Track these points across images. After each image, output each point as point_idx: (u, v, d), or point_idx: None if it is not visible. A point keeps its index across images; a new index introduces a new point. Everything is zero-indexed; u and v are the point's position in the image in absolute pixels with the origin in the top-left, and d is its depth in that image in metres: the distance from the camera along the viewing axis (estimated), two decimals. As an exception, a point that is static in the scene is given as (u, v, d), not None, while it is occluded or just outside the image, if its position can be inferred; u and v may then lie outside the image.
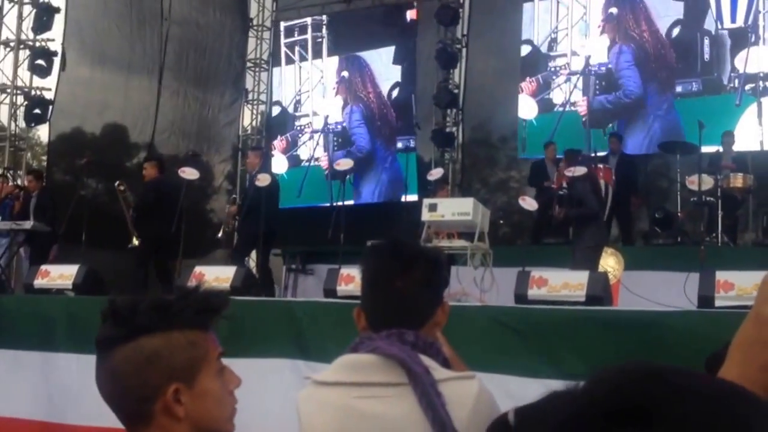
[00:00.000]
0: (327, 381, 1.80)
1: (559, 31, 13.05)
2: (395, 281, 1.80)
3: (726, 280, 5.49)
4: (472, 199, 7.45)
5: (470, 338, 4.91)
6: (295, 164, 14.83)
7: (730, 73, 11.47)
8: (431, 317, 1.85)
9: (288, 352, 5.40)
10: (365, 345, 1.77)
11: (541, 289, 6.02)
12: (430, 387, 1.67)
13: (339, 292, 6.21)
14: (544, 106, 12.78)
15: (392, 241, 1.89)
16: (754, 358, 0.91)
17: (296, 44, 15.24)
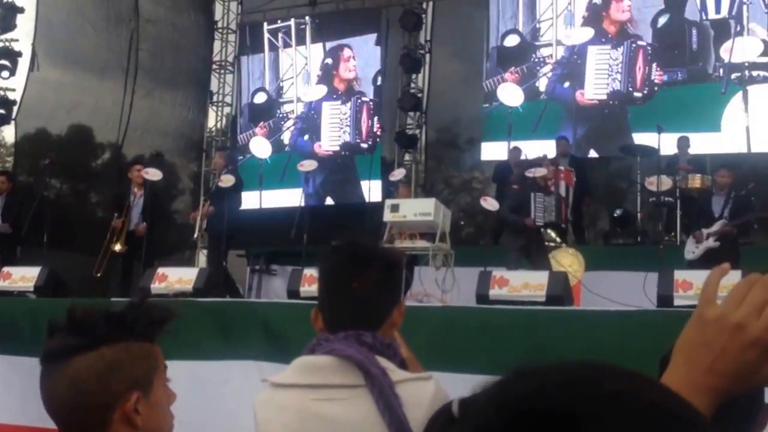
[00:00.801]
0: (284, 383, 1.79)
1: (542, 21, 13.05)
2: (352, 282, 1.80)
3: (684, 279, 5.59)
4: (433, 200, 7.48)
5: (431, 338, 4.95)
6: (278, 149, 14.74)
7: (715, 63, 11.57)
8: (388, 318, 1.84)
9: (253, 354, 5.39)
10: (322, 346, 1.76)
11: (503, 289, 6.07)
12: (388, 388, 1.67)
13: (302, 293, 6.21)
14: (530, 94, 12.79)
15: (349, 243, 1.88)
16: (698, 360, 0.91)
17: (279, 31, 15.17)
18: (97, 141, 14.31)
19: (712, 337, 0.92)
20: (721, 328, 0.92)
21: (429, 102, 14.10)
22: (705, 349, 0.91)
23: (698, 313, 0.95)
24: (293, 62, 14.98)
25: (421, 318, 5.25)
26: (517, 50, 13.08)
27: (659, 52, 12.02)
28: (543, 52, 12.96)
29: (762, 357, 0.90)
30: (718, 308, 0.93)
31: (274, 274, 10.94)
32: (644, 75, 12.01)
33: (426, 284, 7.54)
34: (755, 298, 0.91)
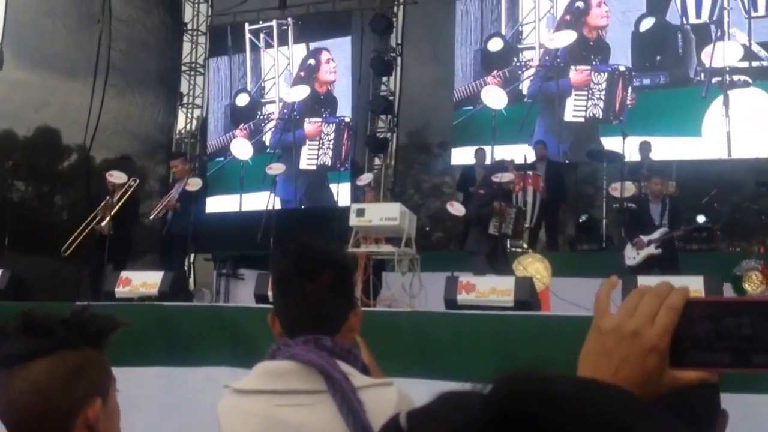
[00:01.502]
0: (247, 389, 1.77)
1: (524, 24, 13.08)
2: (304, 288, 1.78)
3: (648, 284, 5.65)
4: (399, 205, 7.48)
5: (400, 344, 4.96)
6: (260, 151, 14.63)
7: (696, 67, 11.66)
8: (344, 322, 1.83)
9: (222, 359, 5.35)
10: (282, 351, 1.74)
11: (470, 294, 6.10)
12: (350, 394, 1.65)
13: (271, 298, 6.17)
14: (514, 97, 12.82)
15: (300, 246, 1.85)
16: (602, 370, 0.92)
17: (261, 31, 15.06)
18: (64, 143, 14.15)
19: (612, 347, 0.93)
20: (618, 337, 0.93)
21: (400, 106, 14.11)
22: (606, 359, 0.93)
23: (595, 325, 0.97)
24: (275, 63, 14.90)
25: (389, 323, 5.26)
26: (500, 54, 13.12)
27: (641, 56, 12.10)
28: (526, 55, 13.01)
29: (662, 362, 0.92)
30: (613, 318, 0.95)
31: (241, 279, 10.88)
32: (622, 100, 12.14)
33: (393, 289, 7.54)
34: (647, 307, 0.93)
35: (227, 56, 15.37)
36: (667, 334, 0.92)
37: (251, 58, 15.12)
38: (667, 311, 0.92)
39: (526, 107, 12.70)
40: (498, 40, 13.15)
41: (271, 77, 14.89)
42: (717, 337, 0.90)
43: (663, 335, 0.91)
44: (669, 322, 0.91)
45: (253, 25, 15.05)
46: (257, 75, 15.06)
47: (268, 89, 14.95)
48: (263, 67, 15.02)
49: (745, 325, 0.88)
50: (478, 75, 13.14)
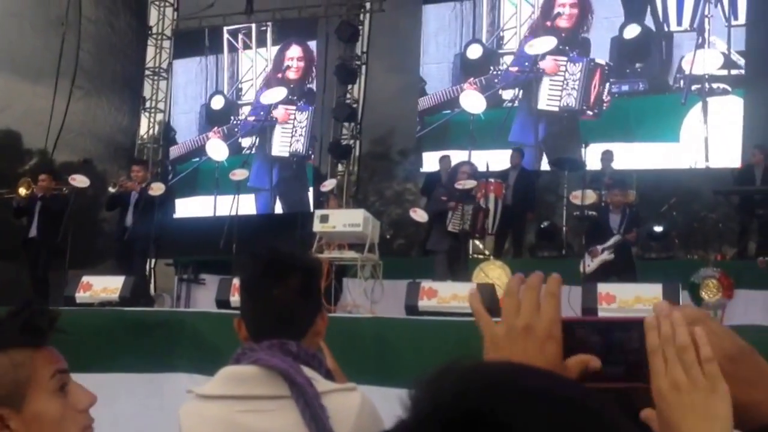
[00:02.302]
0: (209, 394, 1.76)
1: (506, 30, 13.10)
2: (272, 291, 1.79)
3: (608, 292, 5.75)
4: (362, 211, 7.50)
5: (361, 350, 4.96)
6: (236, 152, 14.47)
7: (676, 74, 11.76)
8: (311, 327, 1.84)
9: (182, 365, 5.31)
10: (247, 356, 1.74)
11: (431, 300, 6.13)
12: (314, 399, 1.66)
13: (232, 303, 6.15)
14: (494, 101, 12.82)
15: (268, 251, 1.86)
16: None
17: (239, 32, 14.94)
18: (26, 146, 13.97)
19: (511, 348, 0.96)
20: (513, 338, 0.96)
21: (364, 113, 14.14)
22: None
23: (488, 338, 1.00)
24: (253, 64, 14.78)
25: (350, 329, 5.26)
26: (479, 61, 13.13)
27: (621, 62, 12.18)
28: (507, 60, 13.03)
29: (559, 347, 0.95)
30: (500, 324, 0.99)
31: (202, 284, 10.79)
32: (598, 94, 12.20)
33: (355, 295, 7.55)
34: (529, 301, 0.97)
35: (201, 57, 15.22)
36: (557, 320, 0.95)
37: (228, 60, 15.00)
38: (549, 299, 0.97)
39: (504, 111, 12.73)
40: (477, 46, 13.17)
41: (249, 79, 14.78)
42: (607, 353, 0.95)
43: (553, 321, 0.95)
44: (554, 309, 0.96)
45: (231, 26, 14.93)
46: (234, 77, 14.93)
47: (245, 91, 14.84)
48: (241, 69, 14.90)
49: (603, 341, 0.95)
50: (457, 80, 13.16)
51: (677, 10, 11.89)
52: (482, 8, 13.22)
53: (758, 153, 9.96)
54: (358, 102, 14.16)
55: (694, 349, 0.89)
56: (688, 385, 0.88)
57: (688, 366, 0.89)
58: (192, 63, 15.31)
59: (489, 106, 12.71)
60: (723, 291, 7.50)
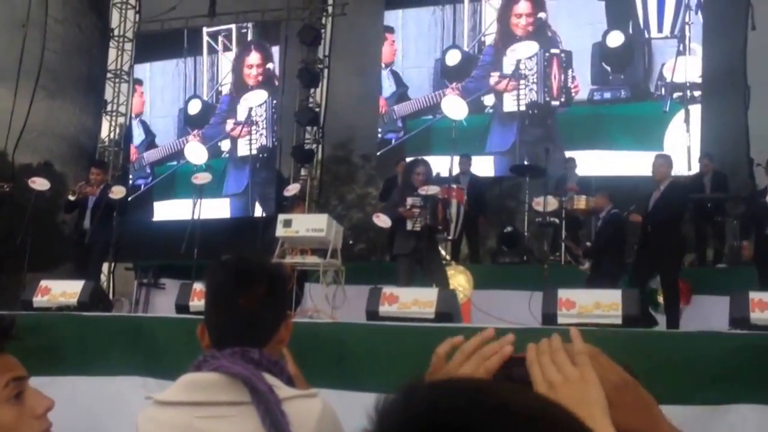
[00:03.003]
0: (169, 401, 1.74)
1: (487, 35, 13.06)
2: (238, 298, 1.78)
3: (568, 298, 5.79)
4: (326, 216, 7.48)
5: (321, 355, 4.96)
6: (215, 155, 14.31)
7: (657, 82, 11.80)
8: (275, 335, 1.83)
9: (139, 369, 5.27)
10: (208, 363, 1.73)
11: (392, 305, 6.13)
12: (275, 406, 1.65)
13: (192, 308, 6.12)
14: (475, 107, 12.78)
15: (235, 257, 1.86)
16: None
17: (219, 34, 14.75)
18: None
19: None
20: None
21: (326, 117, 14.11)
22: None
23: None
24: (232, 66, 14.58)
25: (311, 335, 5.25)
26: (458, 66, 13.10)
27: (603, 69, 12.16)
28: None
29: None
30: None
31: (162, 288, 10.69)
32: (560, 83, 12.20)
33: (316, 300, 7.53)
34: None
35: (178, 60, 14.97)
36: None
37: (208, 62, 14.78)
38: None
39: (487, 117, 12.71)
40: (456, 52, 13.14)
41: (228, 82, 14.57)
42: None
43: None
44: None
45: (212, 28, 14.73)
46: (214, 79, 14.73)
47: (225, 94, 14.64)
48: (220, 72, 14.69)
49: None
50: (438, 85, 13.11)
51: (658, 16, 11.95)
52: (463, 13, 13.20)
53: (707, 161, 10.13)
54: (320, 106, 14.13)
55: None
56: (562, 380, 0.98)
57: (560, 365, 1.00)
58: (169, 66, 15.10)
59: (471, 112, 12.69)
60: (681, 297, 7.63)
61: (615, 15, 12.16)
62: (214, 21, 14.50)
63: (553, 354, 1.02)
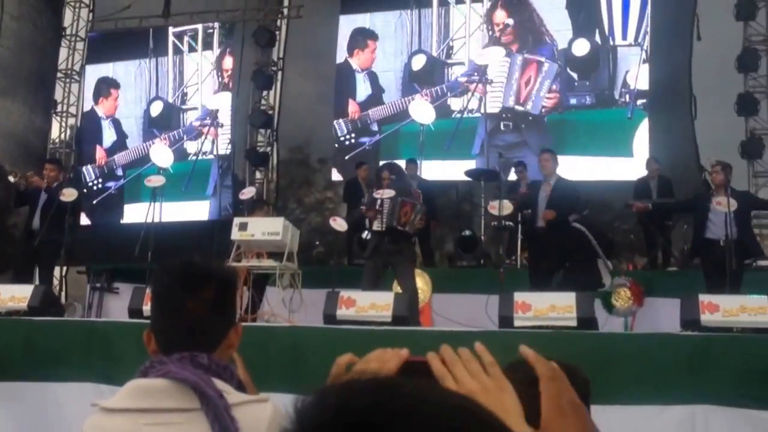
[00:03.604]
0: (115, 408, 1.71)
1: (455, 40, 12.94)
2: (185, 303, 1.75)
3: (524, 301, 5.85)
4: (282, 219, 7.44)
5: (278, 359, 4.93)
6: (181, 158, 14.00)
7: (622, 89, 11.86)
8: (224, 339, 1.80)
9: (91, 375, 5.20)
10: (156, 369, 1.70)
11: (350, 309, 6.13)
12: (224, 411, 1.62)
13: (145, 312, 6.03)
14: (442, 111, 12.71)
15: (182, 261, 1.82)
16: None
17: (185, 34, 14.43)
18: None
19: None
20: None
21: (280, 120, 14.03)
22: None
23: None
24: (198, 68, 14.30)
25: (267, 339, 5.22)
26: (424, 71, 13.01)
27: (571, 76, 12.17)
28: (456, 71, 12.91)
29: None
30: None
31: (116, 292, 10.51)
32: (531, 90, 12.16)
33: (273, 304, 7.48)
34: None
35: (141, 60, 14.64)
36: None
37: (173, 63, 14.46)
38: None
39: (455, 122, 12.62)
40: (421, 56, 13.06)
41: (194, 83, 14.29)
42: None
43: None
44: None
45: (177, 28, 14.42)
46: (177, 80, 14.42)
47: (190, 95, 14.37)
48: (185, 73, 14.39)
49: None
50: (407, 89, 13.03)
51: (623, 24, 12.03)
52: (431, 17, 13.11)
53: (654, 165, 10.29)
54: (274, 108, 14.04)
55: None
56: (481, 389, 1.03)
57: (475, 374, 1.05)
58: (131, 66, 14.81)
59: (438, 116, 12.65)
60: (634, 299, 7.74)
61: (582, 22, 12.23)
62: (169, 21, 14.31)
63: (466, 364, 1.05)
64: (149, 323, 1.84)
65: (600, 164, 11.57)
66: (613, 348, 4.90)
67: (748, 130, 11.56)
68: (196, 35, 14.36)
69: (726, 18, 11.74)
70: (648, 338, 5.26)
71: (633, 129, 11.66)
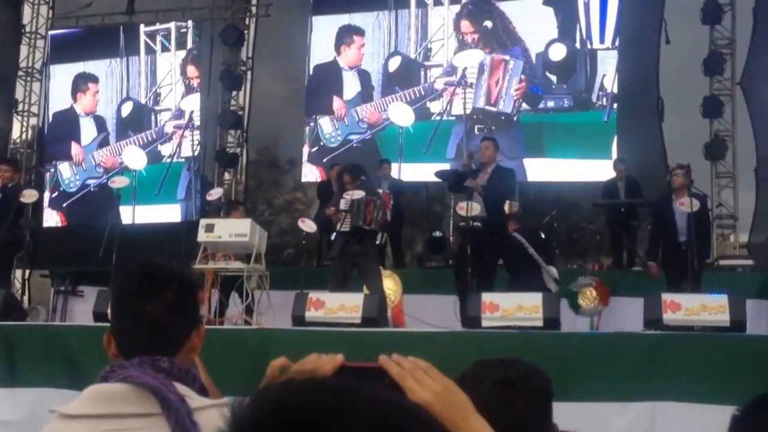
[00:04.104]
0: (74, 414, 1.68)
1: (433, 42, 12.74)
2: (145, 305, 1.72)
3: (491, 301, 5.91)
4: (249, 221, 7.42)
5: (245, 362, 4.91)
6: (155, 160, 13.62)
7: (599, 92, 11.82)
8: (186, 342, 1.78)
9: (55, 381, 5.15)
10: (116, 373, 1.67)
11: (319, 311, 6.14)
12: (185, 416, 1.60)
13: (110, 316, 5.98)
14: (421, 114, 12.51)
15: (142, 263, 1.79)
16: None
17: (158, 33, 14.03)
18: None
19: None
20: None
21: (250, 120, 13.93)
22: None
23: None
24: (172, 68, 13.88)
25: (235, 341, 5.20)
26: (400, 73, 12.82)
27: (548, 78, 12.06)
28: (433, 73, 12.70)
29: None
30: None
31: (80, 296, 10.40)
32: (501, 89, 12.04)
33: (241, 306, 7.46)
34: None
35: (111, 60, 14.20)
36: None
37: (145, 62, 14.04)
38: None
39: (434, 124, 12.44)
40: (397, 58, 12.88)
41: (168, 83, 13.88)
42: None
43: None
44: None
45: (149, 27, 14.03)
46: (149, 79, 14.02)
47: (163, 96, 13.96)
48: (158, 73, 13.96)
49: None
50: (386, 91, 12.81)
51: (600, 27, 12.01)
52: (409, 18, 12.93)
53: (620, 166, 10.41)
54: (243, 109, 13.94)
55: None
56: (433, 395, 1.09)
57: (421, 380, 1.12)
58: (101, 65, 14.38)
59: (418, 119, 12.47)
60: (599, 298, 7.83)
61: (561, 24, 12.17)
62: (133, 19, 14.13)
63: (413, 373, 1.12)
64: (109, 326, 1.82)
65: (578, 166, 11.60)
66: (577, 347, 4.96)
67: (713, 131, 11.73)
68: (168, 34, 14.07)
69: (693, 22, 11.91)
70: (611, 338, 5.34)
71: (612, 131, 11.67)
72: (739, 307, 5.57)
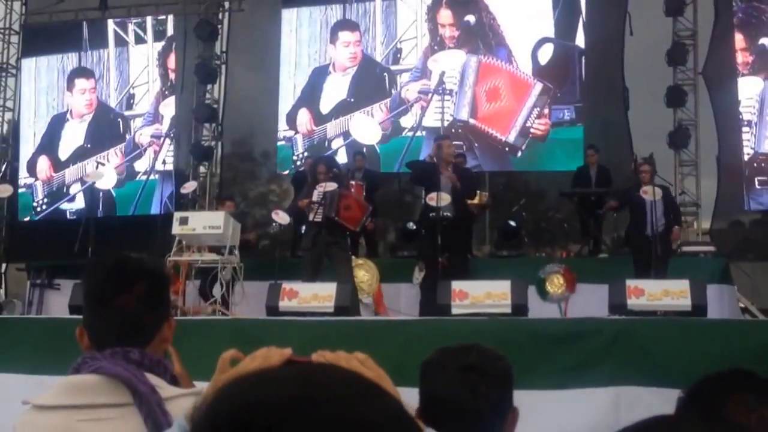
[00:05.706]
0: (47, 405, 1.71)
1: (404, 41, 11.73)
2: (116, 298, 1.75)
3: (461, 289, 6.02)
4: (223, 213, 7.49)
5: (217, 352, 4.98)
6: (129, 178, 12.51)
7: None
8: (157, 334, 1.81)
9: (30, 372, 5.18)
10: (88, 365, 1.70)
11: (292, 300, 6.23)
12: (156, 406, 1.65)
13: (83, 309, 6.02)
14: (393, 130, 11.68)
15: (113, 256, 1.81)
16: None
17: (129, 21, 13.35)
18: None
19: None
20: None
21: (225, 114, 13.93)
22: None
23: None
24: (148, 63, 13.03)
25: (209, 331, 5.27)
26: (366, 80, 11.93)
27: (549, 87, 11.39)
28: (403, 79, 11.77)
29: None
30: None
31: (57, 289, 10.40)
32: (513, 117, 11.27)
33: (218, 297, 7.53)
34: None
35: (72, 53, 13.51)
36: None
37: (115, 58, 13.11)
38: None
39: (406, 140, 11.59)
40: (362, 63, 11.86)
41: (143, 82, 12.98)
42: None
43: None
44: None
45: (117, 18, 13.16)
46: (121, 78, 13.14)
47: (138, 98, 13.06)
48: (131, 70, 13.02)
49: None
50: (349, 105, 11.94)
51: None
52: (375, 13, 11.91)
53: (592, 153, 10.57)
54: (218, 102, 13.93)
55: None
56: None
57: (355, 369, 1.20)
58: (53, 61, 13.77)
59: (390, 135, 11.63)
60: (567, 285, 7.98)
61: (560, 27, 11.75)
62: (107, 14, 14.04)
63: (346, 362, 1.22)
64: (82, 319, 1.85)
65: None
66: (543, 333, 5.07)
67: (677, 120, 11.91)
68: (143, 23, 13.16)
69: (656, 14, 12.06)
70: (575, 324, 5.45)
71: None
72: (700, 292, 5.72)
